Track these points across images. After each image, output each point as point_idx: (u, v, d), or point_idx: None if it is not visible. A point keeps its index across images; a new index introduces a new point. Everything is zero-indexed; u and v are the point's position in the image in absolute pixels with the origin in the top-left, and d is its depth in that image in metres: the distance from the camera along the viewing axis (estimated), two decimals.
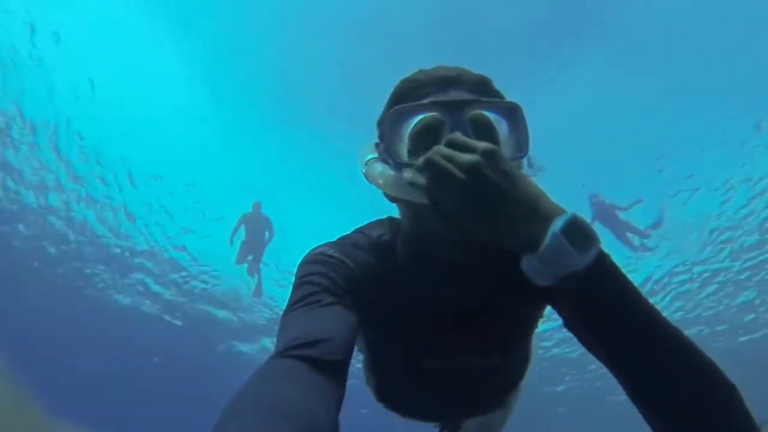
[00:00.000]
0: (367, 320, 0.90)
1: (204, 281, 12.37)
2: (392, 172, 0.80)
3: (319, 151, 12.53)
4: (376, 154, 0.88)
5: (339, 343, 0.70)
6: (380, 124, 0.89)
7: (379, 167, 0.83)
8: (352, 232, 1.00)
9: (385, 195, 0.89)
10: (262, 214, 10.20)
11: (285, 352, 0.66)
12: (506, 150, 0.78)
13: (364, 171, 0.87)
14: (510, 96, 0.86)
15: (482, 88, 0.83)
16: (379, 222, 1.02)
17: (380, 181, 0.82)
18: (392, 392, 1.17)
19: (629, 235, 9.51)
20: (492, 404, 1.18)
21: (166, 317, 12.89)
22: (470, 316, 0.93)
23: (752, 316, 12.74)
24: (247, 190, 11.49)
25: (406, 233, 0.91)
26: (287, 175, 12.88)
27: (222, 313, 12.83)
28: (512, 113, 0.79)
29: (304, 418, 0.54)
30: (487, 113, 0.79)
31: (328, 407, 0.61)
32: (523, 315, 0.98)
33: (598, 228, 10.04)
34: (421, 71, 0.85)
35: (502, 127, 0.80)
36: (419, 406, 1.18)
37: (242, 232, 10.18)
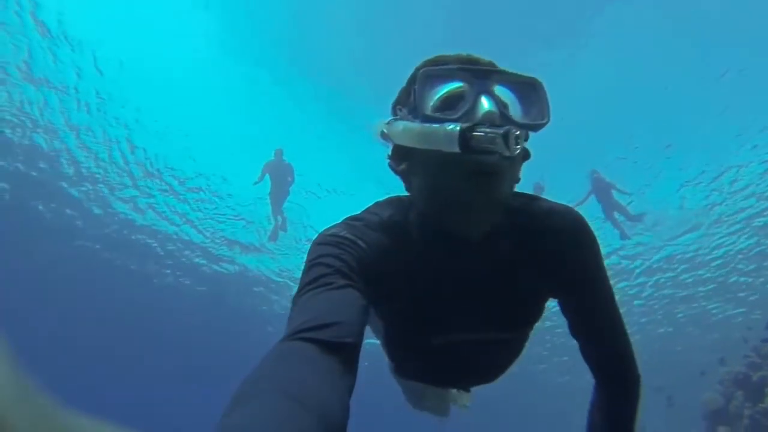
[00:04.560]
0: (382, 300, 0.92)
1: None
2: (418, 125, 0.80)
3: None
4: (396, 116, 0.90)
5: (351, 326, 0.70)
6: (401, 91, 0.93)
7: (403, 124, 0.84)
8: (362, 212, 0.99)
9: (396, 172, 0.93)
10: (284, 161, 10.25)
11: (296, 334, 0.66)
12: (527, 119, 0.81)
13: (384, 130, 0.89)
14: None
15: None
16: (389, 201, 1.01)
17: (405, 135, 0.83)
18: (410, 366, 1.23)
19: (616, 214, 10.11)
20: (497, 375, 1.25)
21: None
22: (484, 293, 0.96)
23: None
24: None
25: (421, 210, 0.91)
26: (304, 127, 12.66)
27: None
28: (533, 88, 0.82)
29: (316, 401, 0.54)
30: (507, 88, 0.82)
31: (340, 390, 0.61)
32: (533, 293, 1.01)
33: (592, 202, 9.73)
34: (441, 55, 0.87)
35: (522, 99, 0.84)
36: (434, 377, 1.25)
37: (268, 182, 10.31)
